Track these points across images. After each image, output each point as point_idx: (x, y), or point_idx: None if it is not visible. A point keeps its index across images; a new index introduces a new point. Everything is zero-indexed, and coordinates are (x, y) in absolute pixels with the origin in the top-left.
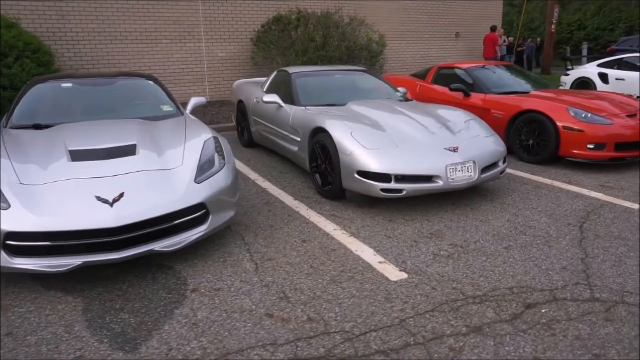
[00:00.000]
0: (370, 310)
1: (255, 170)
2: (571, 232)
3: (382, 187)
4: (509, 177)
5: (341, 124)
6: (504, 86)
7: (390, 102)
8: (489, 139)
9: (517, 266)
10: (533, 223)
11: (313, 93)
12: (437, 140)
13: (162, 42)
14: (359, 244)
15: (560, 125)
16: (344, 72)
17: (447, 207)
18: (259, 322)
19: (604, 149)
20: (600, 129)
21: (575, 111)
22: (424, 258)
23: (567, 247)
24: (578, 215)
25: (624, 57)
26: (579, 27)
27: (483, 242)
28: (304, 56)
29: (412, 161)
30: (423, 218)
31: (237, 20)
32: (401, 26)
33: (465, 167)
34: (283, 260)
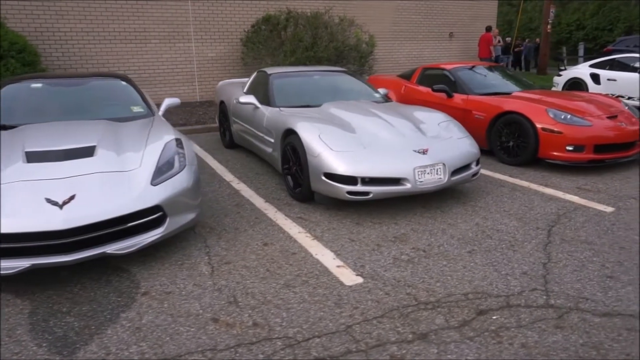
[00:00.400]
0: (318, 316)
1: (232, 171)
2: (538, 236)
3: (348, 190)
4: (486, 180)
5: (310, 125)
6: (487, 87)
7: (365, 104)
8: (462, 141)
9: (476, 271)
10: (501, 227)
11: (289, 94)
12: (407, 142)
13: (151, 42)
14: (320, 247)
15: (539, 127)
16: (322, 73)
17: (418, 209)
18: (203, 327)
19: (583, 151)
20: (579, 130)
21: (555, 113)
22: (384, 262)
23: (532, 251)
24: (549, 219)
25: (616, 57)
26: (577, 27)
27: (447, 246)
28: (292, 56)
29: (380, 164)
30: (391, 221)
31: (228, 20)
32: (394, 26)
33: (434, 169)
34: (241, 263)
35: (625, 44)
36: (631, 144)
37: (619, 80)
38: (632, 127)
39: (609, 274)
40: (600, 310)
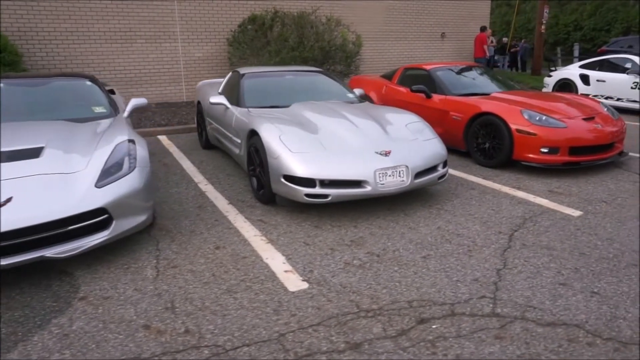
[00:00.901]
0: (253, 324)
1: (203, 172)
2: (499, 241)
3: (307, 192)
4: (458, 182)
5: (272, 127)
6: (466, 87)
7: (335, 104)
8: (429, 142)
9: (427, 277)
10: (463, 231)
11: (260, 94)
12: (370, 144)
13: (137, 42)
14: (273, 251)
15: (513, 128)
16: (296, 73)
17: (381, 212)
18: (132, 333)
19: (558, 153)
20: (554, 132)
21: (529, 114)
22: (334, 267)
23: (488, 257)
24: (513, 223)
25: (606, 58)
26: (575, 27)
27: (403, 250)
28: (277, 57)
29: (339, 166)
30: (351, 224)
31: (215, 20)
32: (385, 26)
33: (396, 171)
34: (187, 267)
35: (620, 44)
36: (609, 146)
37: (608, 82)
38: (610, 129)
39: (562, 281)
40: (545, 320)
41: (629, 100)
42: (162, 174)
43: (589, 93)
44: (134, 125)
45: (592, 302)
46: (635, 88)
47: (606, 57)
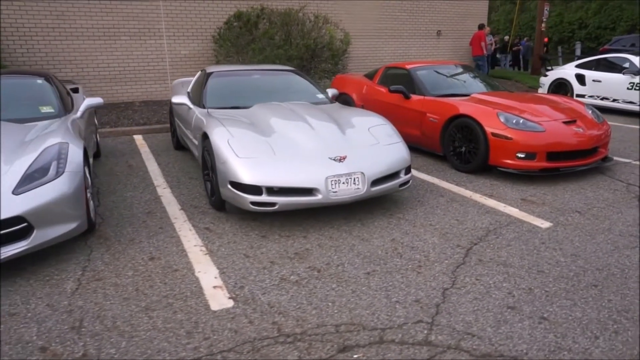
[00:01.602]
0: (160, 348)
1: (166, 175)
2: (454, 256)
3: (252, 200)
4: (428, 188)
5: (222, 130)
6: (446, 88)
7: (298, 106)
8: (391, 147)
9: (364, 297)
10: (419, 244)
11: (223, 94)
12: (325, 149)
13: (120, 38)
14: (208, 264)
15: (489, 132)
16: (264, 72)
17: (337, 221)
18: (25, 357)
19: (535, 158)
20: (531, 136)
21: (506, 117)
22: (268, 283)
23: (438, 274)
24: (475, 235)
25: (603, 57)
26: (580, 25)
27: (347, 265)
28: (260, 54)
29: (288, 172)
30: (301, 234)
31: (201, 17)
32: (378, 23)
33: (351, 179)
34: (112, 281)
35: (622, 43)
36: (591, 151)
37: (604, 82)
38: (592, 133)
39: (511, 304)
40: (480, 351)
41: (625, 101)
42: (123, 176)
43: (585, 94)
44: (112, 123)
45: (539, 330)
46: (631, 89)
47: (603, 57)
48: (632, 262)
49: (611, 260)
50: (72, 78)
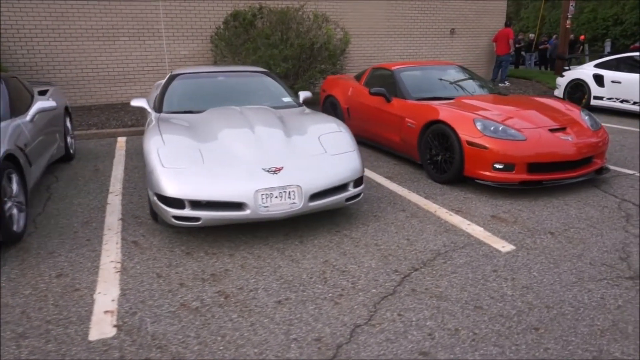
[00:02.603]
0: None
1: (126, 180)
2: (385, 284)
3: (174, 214)
4: (392, 200)
5: (156, 138)
6: (429, 91)
7: (252, 110)
8: (338, 157)
9: (261, 332)
10: (352, 267)
11: (183, 98)
12: (262, 159)
13: (120, 39)
14: (113, 284)
15: (464, 140)
16: (230, 74)
17: (275, 237)
18: None
19: (513, 170)
20: (509, 145)
21: (484, 124)
22: (164, 310)
23: (357, 306)
24: (420, 259)
25: (626, 55)
26: (615, 22)
27: (261, 291)
28: (254, 54)
29: (214, 184)
30: (229, 252)
31: (201, 17)
32: (387, 22)
33: (285, 192)
34: (4, 300)
35: None
36: (583, 162)
37: (624, 82)
38: (583, 142)
39: (425, 349)
40: None
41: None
42: (84, 181)
43: (603, 95)
44: (99, 125)
45: None
46: None
47: (625, 55)
48: (591, 299)
49: (567, 296)
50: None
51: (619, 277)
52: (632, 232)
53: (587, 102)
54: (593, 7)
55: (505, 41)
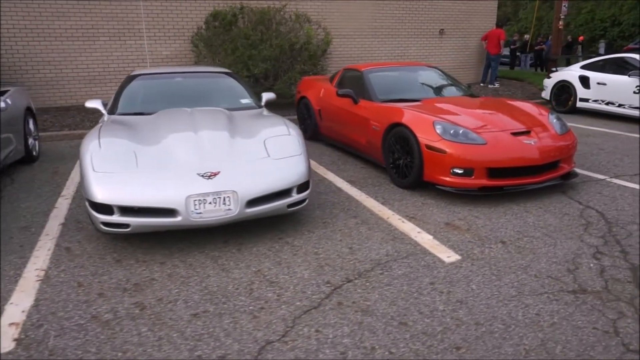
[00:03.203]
0: None
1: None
2: (312, 296)
3: (103, 221)
4: (346, 206)
5: (94, 142)
6: (396, 92)
7: (203, 112)
8: (282, 161)
9: (166, 348)
10: (284, 278)
11: (137, 99)
12: (199, 163)
13: (100, 39)
14: (29, 293)
15: (423, 143)
16: (189, 76)
17: (213, 245)
18: None
19: (472, 175)
20: (469, 149)
21: (443, 126)
22: (73, 322)
23: (276, 320)
24: (357, 270)
25: (613, 57)
26: (613, 23)
27: (180, 303)
28: (233, 55)
29: (145, 189)
30: (161, 259)
31: (183, 17)
32: (373, 22)
33: (220, 198)
34: None
35: None
36: (549, 167)
37: (609, 85)
38: (547, 146)
39: None
40: None
41: (632, 106)
42: (39, 184)
43: (589, 98)
44: (72, 126)
45: None
46: (638, 93)
47: (612, 56)
48: (525, 316)
49: (501, 312)
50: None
51: (560, 291)
52: (587, 242)
53: (573, 105)
54: (591, 8)
55: (496, 41)
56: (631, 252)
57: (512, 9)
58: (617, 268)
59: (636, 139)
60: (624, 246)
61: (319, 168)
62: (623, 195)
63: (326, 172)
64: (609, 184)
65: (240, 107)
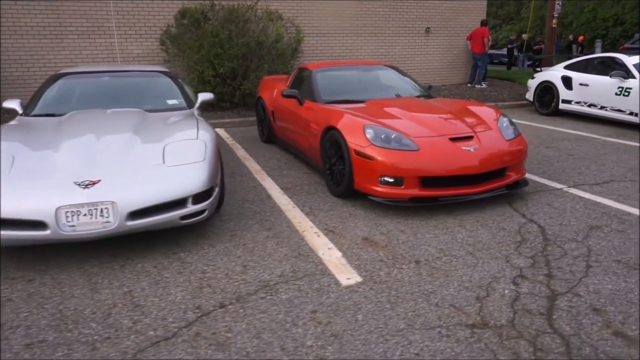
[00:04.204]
0: None
1: None
2: (171, 325)
3: None
4: (266, 217)
5: None
6: (344, 93)
7: (115, 114)
8: (177, 169)
9: None
10: (152, 300)
11: (55, 100)
12: (81, 171)
13: (68, 37)
14: None
15: (352, 149)
16: (117, 75)
17: (96, 259)
18: None
19: (402, 185)
20: (399, 156)
21: (375, 130)
22: None
23: (113, 354)
24: (238, 293)
25: (595, 56)
26: (615, 22)
27: (21, 330)
28: (198, 53)
29: (12, 199)
30: (31, 276)
31: (154, 14)
32: (355, 20)
33: (97, 210)
34: None
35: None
36: (490, 176)
37: (591, 86)
38: (488, 153)
39: None
40: None
41: (614, 109)
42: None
43: (571, 99)
44: None
45: None
46: (620, 94)
47: (595, 56)
48: (402, 356)
49: (376, 351)
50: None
51: (457, 325)
52: (512, 263)
53: (556, 106)
54: (593, 7)
55: (481, 40)
56: (557, 275)
57: (514, 7)
58: (534, 296)
59: (612, 144)
60: (552, 268)
61: (260, 173)
62: (574, 207)
63: (265, 177)
64: (563, 194)
65: (165, 109)
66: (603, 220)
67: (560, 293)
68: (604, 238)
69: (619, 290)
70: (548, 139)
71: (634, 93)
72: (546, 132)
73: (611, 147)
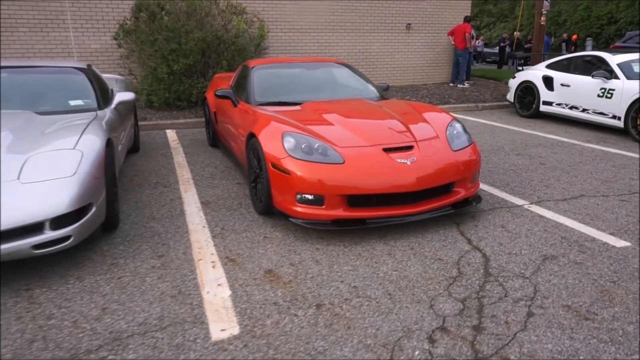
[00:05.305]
0: None
1: None
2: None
3: None
4: (165, 240)
5: None
6: (283, 93)
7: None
8: (32, 186)
9: None
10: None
11: None
12: None
13: (18, 30)
14: None
15: (269, 161)
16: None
17: None
18: None
19: (323, 204)
20: (319, 171)
21: (296, 140)
22: None
23: None
24: (73, 351)
25: (578, 55)
26: (609, 21)
27: None
28: (151, 48)
29: None
30: None
31: (113, 7)
32: (331, 16)
33: None
34: None
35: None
36: (433, 192)
37: (573, 87)
38: (431, 166)
39: None
40: None
41: (596, 112)
42: None
43: (552, 101)
44: None
45: None
46: (602, 96)
47: (580, 54)
48: None
49: None
50: None
51: None
52: (436, 309)
53: (536, 108)
54: (587, 5)
55: (462, 36)
56: (488, 328)
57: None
58: None
59: (591, 151)
60: (485, 317)
61: (187, 183)
62: (531, 230)
63: (190, 189)
64: (523, 213)
65: (63, 110)
66: (561, 248)
67: (483, 357)
68: (556, 273)
69: (559, 352)
70: (522, 145)
71: (617, 95)
72: (522, 136)
73: (589, 155)
